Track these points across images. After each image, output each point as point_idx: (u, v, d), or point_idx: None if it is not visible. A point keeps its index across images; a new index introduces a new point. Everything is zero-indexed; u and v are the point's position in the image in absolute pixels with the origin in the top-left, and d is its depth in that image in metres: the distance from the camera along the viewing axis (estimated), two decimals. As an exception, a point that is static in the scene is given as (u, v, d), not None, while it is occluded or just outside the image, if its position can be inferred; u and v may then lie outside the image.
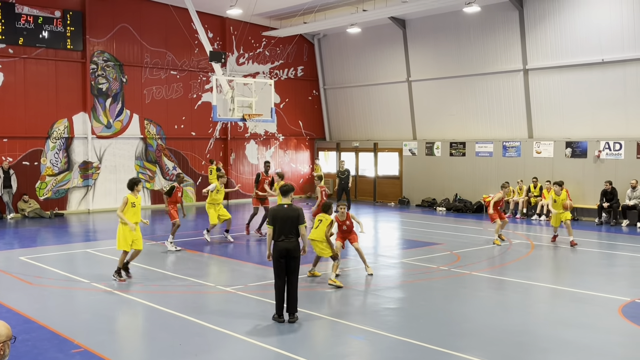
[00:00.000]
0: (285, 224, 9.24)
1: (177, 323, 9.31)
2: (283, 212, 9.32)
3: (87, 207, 23.82)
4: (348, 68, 29.06)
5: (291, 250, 9.20)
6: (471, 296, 11.09)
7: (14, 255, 14.79)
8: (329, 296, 11.05)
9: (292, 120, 29.75)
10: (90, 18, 23.39)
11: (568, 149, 21.71)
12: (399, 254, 15.42)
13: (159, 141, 25.52)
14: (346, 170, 23.78)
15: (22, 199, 22.06)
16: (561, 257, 15.07)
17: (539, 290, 11.64)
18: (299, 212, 9.38)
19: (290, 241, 9.22)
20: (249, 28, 26.58)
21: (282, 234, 9.22)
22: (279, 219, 9.26)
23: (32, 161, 22.57)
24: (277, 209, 9.41)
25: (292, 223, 9.27)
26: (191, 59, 26.15)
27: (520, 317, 9.78)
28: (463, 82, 24.64)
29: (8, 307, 10.07)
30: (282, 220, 9.24)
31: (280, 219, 9.25)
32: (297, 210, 9.38)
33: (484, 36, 23.63)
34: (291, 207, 9.42)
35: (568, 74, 21.55)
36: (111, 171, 24.35)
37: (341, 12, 24.64)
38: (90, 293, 11.23)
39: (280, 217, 9.27)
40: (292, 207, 9.41)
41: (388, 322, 9.41)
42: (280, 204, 9.58)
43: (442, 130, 25.71)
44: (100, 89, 23.94)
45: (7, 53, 21.85)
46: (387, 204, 27.14)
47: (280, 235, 9.23)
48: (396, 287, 11.92)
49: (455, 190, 24.76)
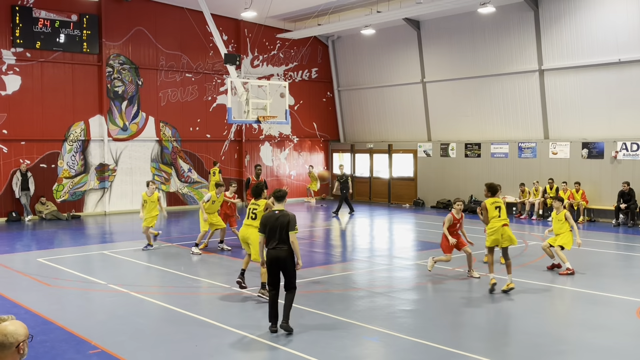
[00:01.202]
0: (275, 231, 8.78)
1: (193, 324, 9.35)
2: (274, 219, 8.86)
3: (104, 209, 24.00)
4: (362, 69, 29.05)
5: (282, 260, 8.77)
6: (487, 298, 11.03)
7: (31, 257, 14.94)
8: (344, 297, 11.04)
9: (307, 122, 29.78)
10: (106, 21, 23.59)
11: (585, 149, 21.54)
12: (413, 255, 15.39)
13: (174, 143, 25.66)
14: (344, 174, 23.76)
15: (40, 201, 22.27)
16: (578, 258, 14.95)
17: (556, 292, 11.56)
18: (290, 219, 8.81)
19: (282, 249, 8.76)
20: (264, 30, 26.66)
21: (273, 242, 8.80)
22: (269, 226, 8.85)
23: (49, 164, 22.79)
24: (268, 216, 8.99)
25: (282, 230, 8.78)
26: (206, 62, 26.28)
27: (536, 319, 9.72)
28: (478, 83, 24.54)
29: (27, 308, 10.17)
30: (272, 228, 8.81)
31: (270, 226, 8.83)
32: (287, 217, 8.83)
33: (499, 37, 23.53)
34: (283, 213, 8.91)
35: (584, 74, 21.39)
36: (127, 173, 24.52)
37: (355, 13, 24.63)
38: (107, 294, 11.32)
39: (271, 224, 8.83)
40: (283, 213, 8.89)
41: (403, 324, 9.39)
42: (272, 210, 9.10)
43: (457, 131, 25.62)
44: (116, 92, 24.13)
45: (24, 57, 22.09)
46: (401, 205, 27.09)
47: (272, 243, 8.81)
48: (411, 288, 11.90)
49: (470, 192, 24.66)
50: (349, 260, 14.67)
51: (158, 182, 24.07)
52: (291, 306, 8.94)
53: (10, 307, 10.26)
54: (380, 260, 14.70)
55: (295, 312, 9.89)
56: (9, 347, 3.80)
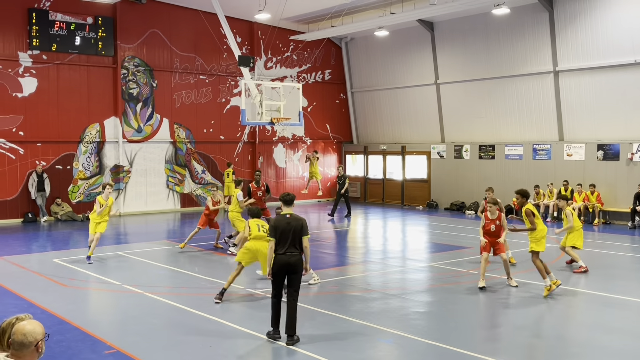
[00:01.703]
0: (287, 236, 8.51)
1: (207, 325, 9.40)
2: (285, 223, 8.56)
3: (118, 210, 24.17)
4: (375, 71, 29.04)
5: (293, 265, 8.52)
6: (501, 300, 10.99)
7: (47, 258, 15.08)
8: (357, 299, 11.05)
9: (320, 124, 29.82)
10: (121, 24, 23.77)
11: (600, 151, 21.40)
12: (427, 257, 15.36)
13: (188, 145, 25.79)
14: (343, 175, 23.61)
15: (55, 202, 22.47)
16: (593, 261, 14.85)
17: (570, 294, 11.50)
18: (302, 223, 8.62)
19: (293, 255, 8.51)
20: (277, 32, 26.73)
21: (283, 246, 8.50)
22: (280, 230, 8.54)
23: (64, 165, 22.98)
24: (278, 220, 8.65)
25: (295, 235, 8.54)
26: (220, 64, 26.40)
27: (551, 321, 9.68)
28: (492, 85, 24.46)
29: (43, 308, 10.27)
30: (283, 232, 8.52)
31: (281, 231, 8.53)
32: (300, 221, 8.62)
33: (513, 38, 23.44)
34: (294, 217, 8.66)
35: (599, 76, 21.25)
36: (142, 175, 24.67)
37: (369, 15, 24.63)
38: (122, 295, 11.40)
39: (282, 229, 8.53)
40: (294, 217, 8.65)
41: (417, 326, 9.38)
42: (282, 214, 8.73)
43: (471, 133, 25.54)
44: (131, 94, 24.29)
45: (40, 59, 22.30)
46: (415, 207, 27.04)
47: (282, 248, 8.51)
48: (425, 290, 11.88)
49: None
50: (362, 262, 14.68)
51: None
52: (296, 317, 8.59)
53: (27, 307, 10.37)
54: (394, 262, 14.69)
55: (309, 313, 9.93)
56: (28, 345, 3.86)
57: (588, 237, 18.37)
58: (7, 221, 21.63)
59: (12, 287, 11.94)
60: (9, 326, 4.14)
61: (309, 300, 10.79)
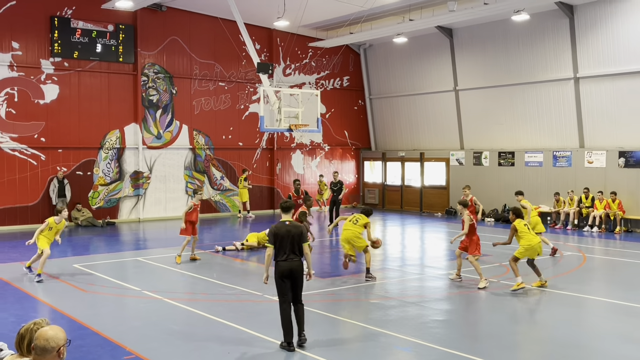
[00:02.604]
0: (287, 243, 8.65)
1: (226, 332, 9.43)
2: (284, 230, 8.72)
3: (138, 216, 24.34)
4: (394, 77, 29.01)
5: (294, 271, 8.67)
6: (521, 309, 10.90)
7: (68, 263, 15.22)
8: (376, 307, 11.02)
9: (338, 130, 29.83)
10: (141, 31, 24.00)
11: (621, 158, 21.16)
12: (446, 265, 15.26)
13: (207, 151, 25.93)
14: (339, 182, 23.38)
15: (76, 208, 22.68)
16: (614, 269, 14.68)
17: (591, 303, 11.37)
18: (302, 230, 8.82)
19: (294, 261, 8.67)
20: (296, 39, 26.83)
21: (284, 253, 8.65)
22: (280, 237, 8.68)
23: (85, 171, 23.21)
24: (278, 227, 8.80)
25: (295, 241, 8.69)
26: (239, 71, 26.54)
27: (571, 330, 9.57)
28: (512, 91, 24.32)
29: (63, 314, 10.37)
30: (283, 239, 8.66)
31: (281, 237, 8.67)
32: (299, 228, 8.83)
33: (533, 44, 23.29)
34: (293, 224, 8.85)
35: (621, 82, 21.04)
36: (161, 181, 24.85)
37: (387, 22, 24.64)
38: (141, 300, 11.47)
39: (282, 235, 8.67)
40: (293, 224, 8.85)
41: (435, 334, 9.33)
42: (282, 221, 8.88)
43: (491, 139, 25.40)
44: (150, 101, 24.50)
45: (62, 66, 22.58)
46: (433, 214, 26.92)
47: (283, 254, 8.65)
48: (443, 298, 11.81)
49: (504, 201, 24.39)
50: (381, 269, 14.63)
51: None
52: (304, 317, 8.76)
53: (47, 312, 10.48)
54: (412, 270, 14.62)
55: (327, 320, 9.93)
56: (50, 351, 3.90)
57: (610, 245, 18.19)
58: (28, 226, 21.86)
59: (33, 292, 12.08)
60: (28, 332, 4.19)
61: (327, 308, 10.78)
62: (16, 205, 21.84)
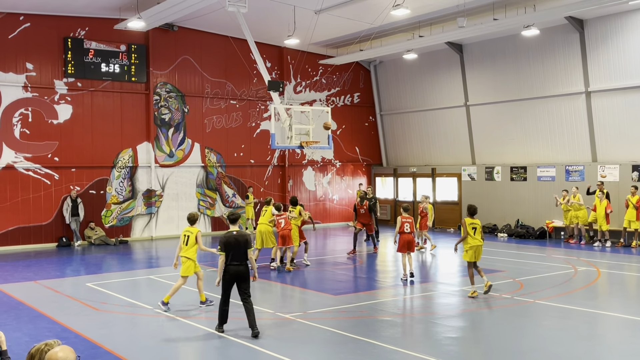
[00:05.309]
0: (237, 250, 10.06)
1: (237, 349, 9.39)
2: (234, 239, 10.13)
3: (150, 234, 24.41)
4: (404, 93, 29.05)
5: (242, 274, 10.07)
6: (536, 325, 10.78)
7: (80, 282, 15.27)
8: (388, 324, 10.94)
9: (349, 147, 29.86)
10: (153, 51, 24.24)
11: (635, 172, 21.00)
12: (459, 281, 15.16)
13: (219, 169, 26.03)
14: (373, 197, 22.37)
15: (89, 227, 22.80)
16: (630, 284, 14.51)
17: (607, 319, 11.23)
18: (247, 238, 10.25)
19: (242, 265, 10.10)
20: (306, 57, 26.97)
21: (235, 259, 10.06)
22: (231, 245, 10.07)
23: (98, 190, 23.35)
24: (227, 236, 10.18)
25: (241, 248, 10.10)
26: (250, 89, 26.69)
27: (587, 347, 9.45)
28: (523, 106, 24.26)
29: (76, 333, 10.38)
30: (234, 247, 10.06)
31: (232, 246, 10.06)
32: (245, 236, 10.26)
33: (544, 59, 23.27)
34: (240, 233, 10.29)
35: (632, 96, 20.95)
36: (173, 199, 24.94)
37: (397, 38, 24.73)
38: (154, 319, 11.47)
39: (232, 244, 10.07)
40: (241, 233, 10.29)
41: (450, 352, 9.24)
42: (230, 231, 10.31)
43: (502, 154, 25.31)
44: (163, 119, 24.67)
45: (75, 86, 22.82)
46: (446, 229, 26.80)
47: (234, 260, 10.06)
48: (457, 315, 11.71)
49: (517, 216, 24.25)
50: (393, 285, 14.55)
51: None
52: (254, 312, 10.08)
53: (60, 331, 10.49)
54: (425, 286, 14.53)
55: (340, 338, 9.87)
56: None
57: (626, 260, 17.98)
58: (42, 245, 22.01)
59: (46, 311, 12.11)
60: (38, 352, 4.18)
61: (340, 325, 10.72)
62: (30, 225, 21.99)
